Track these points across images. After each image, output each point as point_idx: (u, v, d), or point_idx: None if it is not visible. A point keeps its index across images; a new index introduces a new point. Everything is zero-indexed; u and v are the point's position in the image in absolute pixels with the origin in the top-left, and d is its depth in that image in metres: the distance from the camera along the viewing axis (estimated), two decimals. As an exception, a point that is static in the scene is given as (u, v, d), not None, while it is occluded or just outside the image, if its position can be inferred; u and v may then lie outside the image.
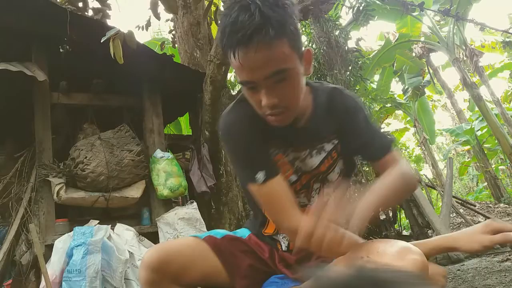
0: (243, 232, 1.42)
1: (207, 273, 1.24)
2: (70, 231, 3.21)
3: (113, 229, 3.38)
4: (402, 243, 0.94)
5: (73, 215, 3.64)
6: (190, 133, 5.52)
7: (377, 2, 8.72)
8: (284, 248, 1.34)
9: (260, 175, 1.13)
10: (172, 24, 6.31)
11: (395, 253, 0.88)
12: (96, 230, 3.15)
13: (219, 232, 1.36)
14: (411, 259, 0.86)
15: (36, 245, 3.10)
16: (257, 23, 0.95)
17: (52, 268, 3.02)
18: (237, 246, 1.32)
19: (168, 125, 6.00)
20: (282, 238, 1.35)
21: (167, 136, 4.64)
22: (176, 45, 5.92)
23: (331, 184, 1.27)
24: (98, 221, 3.43)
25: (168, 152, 4.25)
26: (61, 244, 3.09)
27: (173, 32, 6.14)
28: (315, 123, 1.23)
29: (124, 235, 3.33)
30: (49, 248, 3.21)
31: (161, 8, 5.35)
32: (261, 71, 1.00)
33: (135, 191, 3.75)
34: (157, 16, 5.46)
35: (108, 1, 5.23)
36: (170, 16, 6.22)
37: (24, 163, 3.75)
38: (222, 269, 1.26)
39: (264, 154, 1.19)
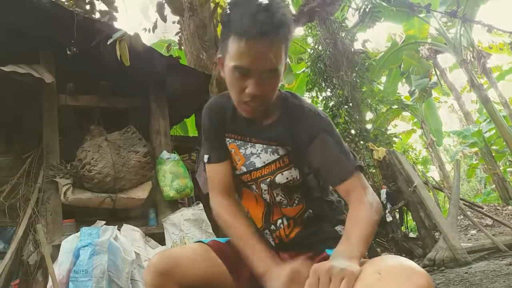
0: None
1: (213, 277, 1.27)
2: (77, 232, 3.22)
3: (119, 230, 3.40)
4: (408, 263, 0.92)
5: (80, 216, 3.66)
6: (196, 135, 5.53)
7: (384, 4, 8.68)
8: (271, 242, 1.38)
9: (206, 157, 1.38)
10: (178, 26, 6.34)
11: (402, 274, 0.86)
12: (102, 231, 3.16)
13: (223, 238, 1.39)
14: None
15: (43, 245, 3.12)
16: (276, 23, 1.10)
17: (59, 268, 3.04)
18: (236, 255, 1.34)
19: (175, 127, 6.03)
20: (267, 234, 1.39)
21: (173, 138, 4.66)
22: (182, 47, 5.94)
23: (279, 187, 1.31)
24: (104, 222, 3.45)
25: (174, 153, 4.27)
26: (68, 244, 3.11)
27: (179, 34, 6.16)
28: (277, 126, 1.29)
29: (130, 236, 3.34)
30: (56, 248, 3.23)
31: (167, 10, 5.38)
32: (262, 64, 1.13)
33: (141, 192, 3.76)
34: (164, 18, 5.48)
35: (115, 4, 5.26)
36: (177, 18, 6.24)
37: (32, 164, 3.78)
38: (227, 274, 1.29)
39: (215, 141, 1.38)
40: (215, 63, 4.28)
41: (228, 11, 1.18)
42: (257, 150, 1.32)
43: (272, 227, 1.37)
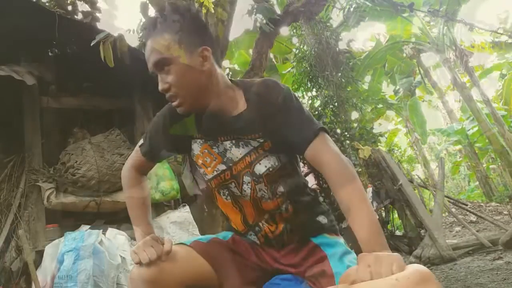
0: (225, 235, 1.47)
1: (199, 278, 1.28)
2: (61, 237, 3.17)
3: (104, 234, 3.34)
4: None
5: (64, 221, 3.60)
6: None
7: (368, 3, 8.74)
8: (257, 241, 1.40)
9: (141, 142, 1.48)
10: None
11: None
12: (87, 235, 3.11)
13: (204, 237, 1.42)
14: None
15: (26, 252, 3.06)
16: (151, 22, 1.28)
17: (43, 274, 2.98)
18: (224, 249, 1.38)
19: (160, 128, 5.97)
20: (251, 235, 1.41)
21: (158, 139, 4.61)
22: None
23: (261, 179, 1.31)
24: (89, 226, 3.40)
25: (160, 155, 4.23)
26: (52, 250, 3.05)
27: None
28: (242, 116, 1.29)
29: (115, 240, 3.29)
30: (40, 254, 3.17)
31: (152, 11, 5.33)
32: (150, 59, 1.26)
33: (126, 195, 3.72)
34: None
35: (98, 4, 5.19)
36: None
37: (14, 168, 3.70)
38: (213, 273, 1.31)
39: (154, 143, 1.44)
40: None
41: None
42: (229, 146, 1.33)
43: (257, 228, 1.38)
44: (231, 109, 1.30)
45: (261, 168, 1.30)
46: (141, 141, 1.48)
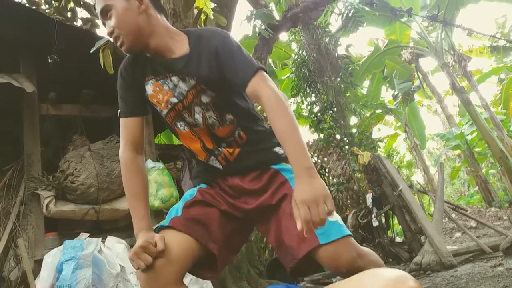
0: (191, 192, 1.57)
1: (191, 253, 1.39)
2: (60, 245, 3.15)
3: (103, 242, 3.33)
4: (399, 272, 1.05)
5: (63, 229, 3.59)
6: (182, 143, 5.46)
7: (366, 8, 8.76)
8: (219, 166, 1.53)
9: (119, 112, 1.56)
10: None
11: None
12: (86, 244, 3.09)
13: (176, 208, 1.49)
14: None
15: (25, 261, 3.04)
16: None
17: (42, 284, 2.96)
18: (197, 211, 1.47)
19: (159, 135, 5.97)
20: (213, 160, 1.54)
21: (157, 146, 4.61)
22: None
23: (209, 106, 1.47)
24: (88, 234, 3.38)
25: (159, 162, 4.21)
26: (51, 258, 3.03)
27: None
28: (184, 58, 1.45)
29: (115, 248, 3.28)
30: (39, 263, 3.15)
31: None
32: (98, 9, 1.45)
33: (125, 203, 3.70)
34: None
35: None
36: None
37: (13, 176, 3.69)
38: (199, 243, 1.40)
39: (127, 96, 1.55)
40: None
41: None
42: (176, 81, 1.47)
43: (216, 152, 1.52)
44: (175, 50, 1.46)
45: (206, 97, 1.46)
46: (118, 112, 1.58)
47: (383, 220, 6.04)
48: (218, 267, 1.48)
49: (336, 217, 1.37)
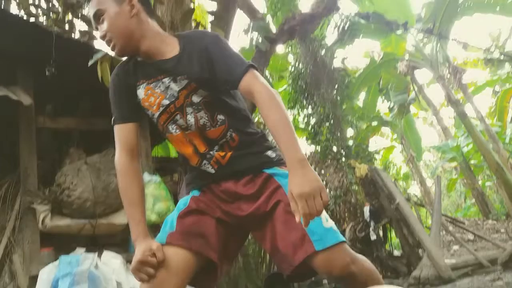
0: (185, 201, 1.57)
1: (193, 266, 1.42)
2: (56, 260, 3.10)
3: (100, 257, 3.28)
4: None
5: (59, 243, 3.53)
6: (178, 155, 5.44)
7: (362, 21, 8.84)
8: (211, 170, 1.53)
9: (112, 119, 1.57)
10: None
11: None
12: (82, 259, 3.05)
13: (171, 219, 1.51)
14: None
15: (20, 277, 3.00)
16: None
17: (37, 300, 2.91)
18: (192, 220, 1.49)
19: (156, 147, 5.94)
20: (206, 164, 1.54)
21: (154, 159, 4.58)
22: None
23: (200, 106, 1.49)
24: (84, 249, 3.33)
25: (156, 175, 4.18)
26: (46, 275, 2.98)
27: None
28: (174, 59, 1.48)
29: (111, 264, 3.22)
30: (34, 279, 3.09)
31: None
32: (91, 14, 1.49)
33: (122, 217, 3.65)
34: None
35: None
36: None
37: (8, 189, 3.64)
38: (198, 254, 1.43)
39: (120, 102, 1.57)
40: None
41: None
42: (168, 83, 1.49)
43: (208, 155, 1.52)
44: (165, 52, 1.50)
45: (197, 97, 1.48)
46: (112, 119, 1.59)
47: (381, 233, 6.02)
48: (218, 275, 1.51)
49: (330, 223, 1.42)
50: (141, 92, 1.54)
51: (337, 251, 1.37)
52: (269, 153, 1.56)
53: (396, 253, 6.41)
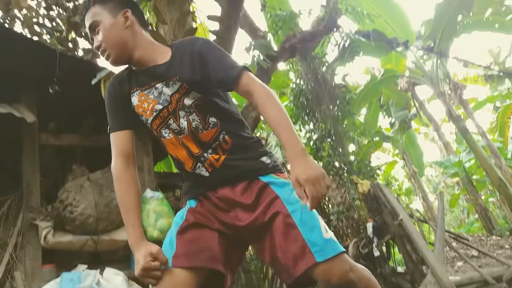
0: (182, 214, 1.57)
1: (202, 283, 1.44)
2: (58, 277, 3.09)
3: (101, 274, 3.26)
4: None
5: (61, 260, 3.52)
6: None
7: (362, 39, 8.91)
8: (205, 173, 1.54)
9: (108, 128, 1.61)
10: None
11: None
12: (84, 276, 3.04)
13: (169, 239, 1.51)
14: None
15: (21, 294, 2.98)
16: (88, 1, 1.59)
17: (38, 317, 2.89)
18: (193, 235, 1.49)
19: (158, 163, 5.95)
20: (200, 167, 1.55)
21: (157, 174, 4.59)
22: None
23: (191, 109, 1.51)
24: (86, 266, 3.32)
25: (158, 191, 4.18)
26: (48, 291, 2.97)
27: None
28: (165, 64, 1.53)
29: (113, 281, 3.21)
30: (35, 296, 3.09)
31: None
32: (87, 25, 1.56)
33: (124, 234, 3.64)
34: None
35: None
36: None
37: (11, 206, 3.65)
38: (206, 269, 1.45)
39: (115, 111, 1.61)
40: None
41: None
42: (160, 88, 1.53)
43: (202, 158, 1.54)
44: (158, 60, 1.55)
45: (189, 100, 1.51)
46: (109, 127, 1.62)
47: (384, 249, 5.97)
48: (226, 284, 1.54)
49: (330, 234, 1.46)
50: (135, 99, 1.58)
51: (337, 261, 1.40)
52: (264, 159, 1.58)
53: (400, 269, 6.34)
